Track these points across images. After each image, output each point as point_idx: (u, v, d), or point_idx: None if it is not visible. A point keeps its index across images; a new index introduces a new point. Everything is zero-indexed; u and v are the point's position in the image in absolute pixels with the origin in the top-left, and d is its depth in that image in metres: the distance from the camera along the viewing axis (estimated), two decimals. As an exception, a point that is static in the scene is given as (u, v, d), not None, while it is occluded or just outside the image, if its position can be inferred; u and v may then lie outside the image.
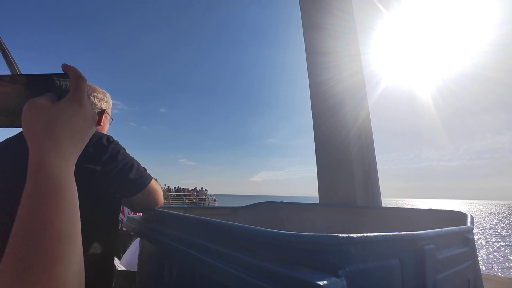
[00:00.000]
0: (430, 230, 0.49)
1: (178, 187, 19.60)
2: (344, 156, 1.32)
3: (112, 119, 1.13)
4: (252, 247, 0.44)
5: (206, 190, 20.13)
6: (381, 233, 0.41)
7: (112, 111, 1.12)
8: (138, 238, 1.18)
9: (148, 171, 0.93)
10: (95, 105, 1.00)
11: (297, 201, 1.47)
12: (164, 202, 1.02)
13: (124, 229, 2.80)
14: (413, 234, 0.46)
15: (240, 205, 1.45)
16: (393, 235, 0.43)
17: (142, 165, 0.93)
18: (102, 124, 1.03)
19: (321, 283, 0.30)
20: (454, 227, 0.59)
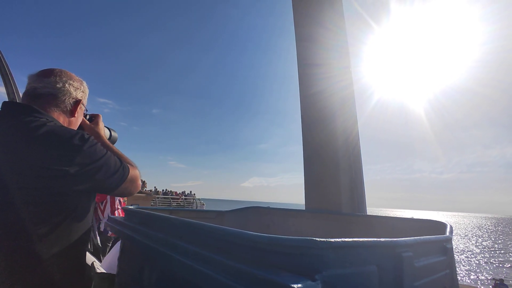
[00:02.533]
0: (408, 238, 0.50)
1: (166, 190, 19.29)
2: (331, 165, 1.33)
3: (87, 110, 1.06)
4: (232, 250, 0.44)
5: (194, 194, 19.88)
6: (359, 239, 0.42)
7: (103, 110, 1.09)
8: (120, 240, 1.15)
9: (124, 159, 0.92)
10: (70, 94, 0.92)
11: (295, 208, 1.48)
12: (152, 205, 1.02)
13: (104, 230, 2.73)
14: (391, 241, 0.46)
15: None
16: (371, 241, 0.43)
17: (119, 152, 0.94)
18: (75, 115, 0.96)
19: (295, 286, 0.30)
20: (433, 236, 0.61)
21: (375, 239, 0.44)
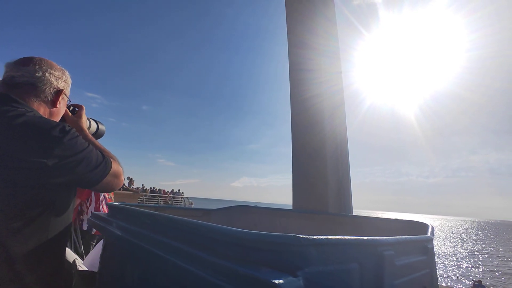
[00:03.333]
0: (390, 237, 0.51)
1: (154, 188, 19.01)
2: (319, 166, 1.35)
3: (70, 101, 1.01)
4: (216, 247, 0.44)
5: (182, 192, 19.66)
6: (342, 237, 0.42)
7: (90, 104, 1.05)
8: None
9: (107, 154, 0.89)
10: (51, 83, 0.87)
11: (282, 208, 1.48)
12: (139, 202, 1.00)
13: (87, 227, 2.67)
14: (373, 240, 0.47)
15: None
16: (354, 239, 0.44)
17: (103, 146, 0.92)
18: (57, 106, 0.91)
19: (277, 282, 0.30)
20: (414, 236, 0.62)
21: (358, 237, 0.44)
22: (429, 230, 0.77)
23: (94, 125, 1.18)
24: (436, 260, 0.78)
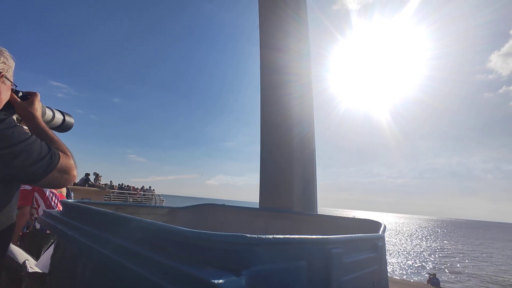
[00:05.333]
0: (339, 235, 0.53)
1: (122, 184, 18.18)
2: (285, 166, 1.37)
3: (16, 86, 0.91)
4: (166, 246, 0.43)
5: (153, 189, 19.01)
6: (291, 236, 0.44)
7: (56, 94, 0.95)
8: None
9: (59, 146, 0.82)
10: None
11: (250, 207, 1.48)
12: (105, 200, 0.93)
13: (40, 227, 2.49)
14: (322, 238, 0.49)
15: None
16: (303, 238, 0.45)
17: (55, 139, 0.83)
18: None
19: (216, 281, 0.30)
20: (364, 234, 0.66)
21: (307, 236, 0.46)
22: (381, 229, 0.82)
23: (59, 116, 1.08)
24: (387, 256, 0.84)
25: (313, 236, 0.47)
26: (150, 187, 19.23)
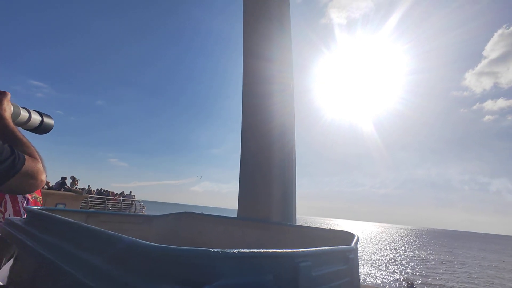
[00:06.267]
0: (308, 249, 0.54)
1: (101, 189, 17.48)
2: (265, 176, 1.38)
3: None
4: (129, 259, 0.41)
5: (134, 195, 18.40)
6: (258, 250, 0.43)
7: (35, 94, 0.91)
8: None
9: (27, 149, 0.78)
10: None
11: (234, 215, 1.46)
12: (82, 205, 0.88)
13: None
14: (290, 252, 0.49)
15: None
16: (270, 252, 0.45)
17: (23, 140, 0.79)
18: None
19: (172, 299, 0.29)
20: (335, 247, 0.66)
21: (274, 250, 0.46)
22: (354, 240, 0.83)
23: (36, 117, 1.03)
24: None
25: (280, 250, 0.47)
26: (130, 192, 18.62)
